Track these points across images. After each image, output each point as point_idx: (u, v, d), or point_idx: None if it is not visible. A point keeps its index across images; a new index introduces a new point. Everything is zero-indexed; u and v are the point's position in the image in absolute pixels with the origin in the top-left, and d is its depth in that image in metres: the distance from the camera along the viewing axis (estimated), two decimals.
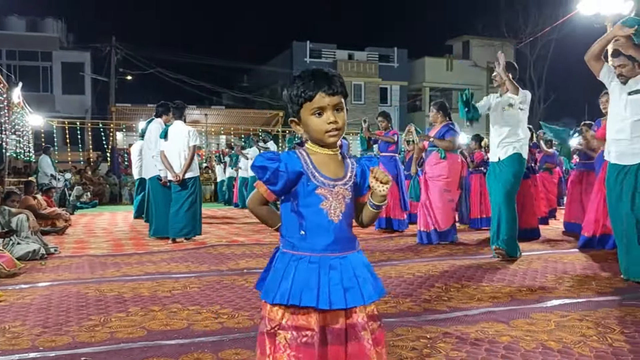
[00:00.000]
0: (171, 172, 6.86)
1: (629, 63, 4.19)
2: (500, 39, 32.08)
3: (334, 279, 1.60)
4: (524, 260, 5.34)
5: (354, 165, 1.73)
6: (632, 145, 4.14)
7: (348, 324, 1.62)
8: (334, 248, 1.63)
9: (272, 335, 1.60)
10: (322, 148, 1.68)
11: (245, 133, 20.77)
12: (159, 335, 2.91)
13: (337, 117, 1.65)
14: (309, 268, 1.60)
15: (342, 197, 1.66)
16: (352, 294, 1.60)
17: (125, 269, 4.95)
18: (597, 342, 2.77)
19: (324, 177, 1.65)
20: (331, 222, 1.63)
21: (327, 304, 1.56)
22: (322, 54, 31.22)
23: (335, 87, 1.64)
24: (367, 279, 1.64)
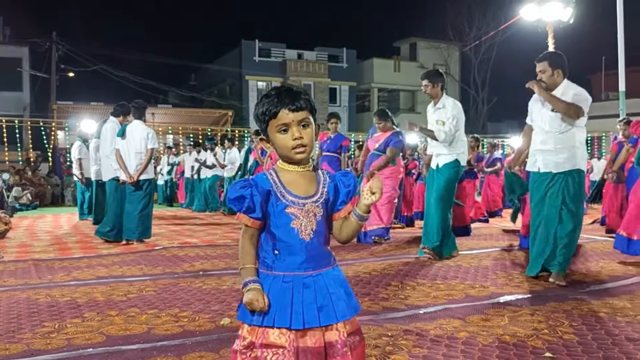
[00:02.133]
0: (125, 172, 6.71)
1: (548, 69, 4.39)
2: (446, 42, 32.90)
3: (308, 298, 1.60)
4: (475, 257, 5.51)
5: (326, 181, 1.71)
6: (556, 155, 4.36)
7: (328, 341, 1.62)
8: (307, 266, 1.63)
9: (245, 354, 1.60)
10: (292, 165, 1.68)
11: (194, 132, 20.46)
12: (119, 341, 2.85)
13: (303, 133, 1.64)
14: (282, 287, 1.60)
15: (313, 214, 1.65)
16: (326, 312, 1.60)
17: (75, 273, 4.80)
18: (549, 335, 2.90)
19: (293, 196, 1.64)
20: (302, 240, 1.63)
21: (300, 324, 1.57)
22: (271, 53, 31.13)
23: (299, 103, 1.63)
24: (340, 297, 1.64)
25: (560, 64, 4.41)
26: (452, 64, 33.73)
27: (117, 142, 6.82)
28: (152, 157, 6.88)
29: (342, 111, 31.25)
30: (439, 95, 5.50)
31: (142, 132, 6.80)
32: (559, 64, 4.41)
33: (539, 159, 4.51)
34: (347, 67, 32.36)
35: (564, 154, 4.32)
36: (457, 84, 34.26)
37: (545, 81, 4.42)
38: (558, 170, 4.34)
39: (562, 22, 11.84)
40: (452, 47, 33.52)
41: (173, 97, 31.87)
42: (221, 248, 6.33)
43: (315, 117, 1.70)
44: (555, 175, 4.35)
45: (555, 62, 4.41)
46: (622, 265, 5.08)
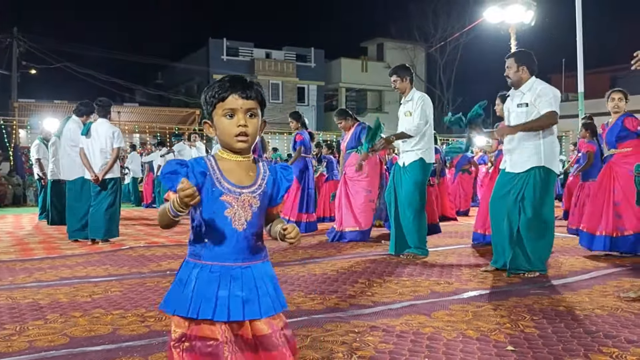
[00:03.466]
0: (90, 171, 6.59)
1: (513, 65, 4.52)
2: (412, 43, 33.26)
3: (234, 290, 1.57)
4: (441, 254, 5.60)
5: (266, 174, 1.69)
6: (521, 154, 4.48)
7: (259, 334, 1.61)
8: (237, 257, 1.60)
9: (179, 347, 1.58)
10: (232, 154, 1.66)
11: (161, 131, 20.20)
12: (83, 342, 2.81)
13: (249, 122, 1.63)
14: (209, 278, 1.57)
15: (249, 205, 1.62)
16: (250, 306, 1.58)
17: (37, 275, 4.70)
18: (511, 329, 2.98)
19: (230, 184, 1.61)
20: (235, 230, 1.60)
21: (225, 316, 1.55)
22: (239, 52, 30.96)
23: (250, 92, 1.63)
24: (267, 292, 1.62)
25: (525, 61, 4.52)
26: (419, 65, 34.11)
27: (81, 141, 6.70)
28: (117, 156, 6.78)
29: (310, 110, 31.31)
30: (407, 89, 5.57)
31: (108, 131, 6.70)
32: (525, 61, 4.53)
33: (507, 158, 4.63)
34: (315, 67, 32.42)
35: (528, 151, 4.43)
36: (423, 84, 34.64)
37: (511, 77, 4.54)
38: (523, 169, 4.45)
39: (524, 25, 12.14)
40: (419, 48, 33.93)
41: (140, 96, 31.42)
42: None
43: (263, 111, 1.69)
44: (520, 174, 4.46)
45: (521, 59, 4.53)
46: (581, 260, 5.23)
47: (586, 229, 5.56)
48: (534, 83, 4.50)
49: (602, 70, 27.75)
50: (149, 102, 28.75)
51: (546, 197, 4.48)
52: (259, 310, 1.59)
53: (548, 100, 4.38)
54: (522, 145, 4.46)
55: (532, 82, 4.51)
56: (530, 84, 4.49)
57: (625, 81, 19.26)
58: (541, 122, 4.34)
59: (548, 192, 4.49)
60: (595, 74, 24.82)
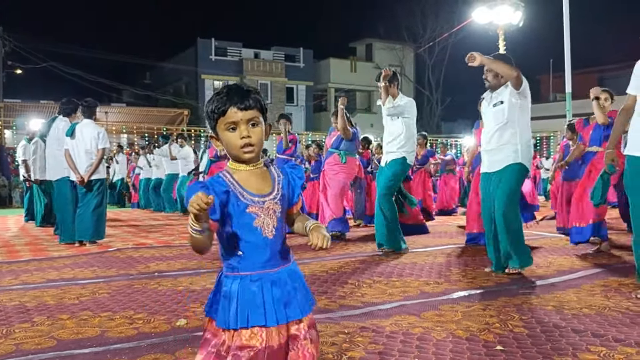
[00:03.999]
0: (75, 172, 6.53)
1: (493, 70, 4.54)
2: (401, 43, 33.37)
3: (276, 295, 1.61)
4: (430, 255, 5.62)
5: (280, 177, 1.72)
6: (498, 153, 4.52)
7: (291, 334, 1.64)
8: (273, 264, 1.63)
9: (219, 356, 1.59)
10: (243, 165, 1.67)
11: (149, 132, 20.08)
12: (70, 345, 2.78)
13: (251, 132, 1.63)
14: (251, 287, 1.60)
15: (273, 211, 1.65)
16: (292, 308, 1.62)
17: (24, 277, 4.65)
18: (500, 329, 2.99)
19: (252, 195, 1.64)
20: (266, 238, 1.63)
21: (274, 322, 1.58)
22: (227, 52, 30.87)
23: (248, 102, 1.62)
24: (301, 292, 1.66)
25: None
26: (407, 65, 34.25)
27: (66, 142, 6.64)
28: (103, 156, 6.73)
29: (299, 111, 31.33)
30: (395, 94, 5.64)
31: (93, 132, 6.65)
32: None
33: (485, 159, 4.67)
34: (304, 67, 32.43)
35: (505, 150, 4.47)
36: (411, 84, 34.78)
37: (490, 80, 4.56)
38: (499, 167, 4.50)
39: (512, 25, 12.22)
40: (407, 49, 34.06)
41: (127, 96, 31.25)
42: (177, 249, 6.25)
43: (265, 116, 1.69)
44: (496, 172, 4.51)
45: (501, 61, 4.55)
46: (570, 260, 5.27)
47: (577, 223, 5.66)
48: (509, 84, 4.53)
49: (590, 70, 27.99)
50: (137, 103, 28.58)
51: (518, 191, 4.56)
52: (300, 310, 1.63)
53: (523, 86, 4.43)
54: (500, 146, 4.50)
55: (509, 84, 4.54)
56: (506, 85, 4.52)
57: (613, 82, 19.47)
58: (511, 68, 4.31)
59: (514, 188, 4.52)
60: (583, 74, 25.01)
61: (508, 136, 4.47)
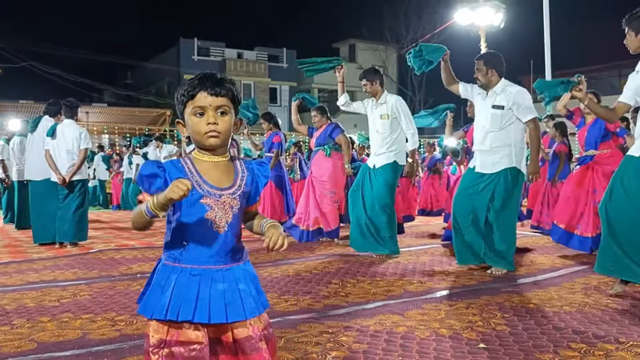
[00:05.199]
0: (56, 173, 6.45)
1: (483, 68, 4.60)
2: (384, 44, 33.48)
3: (216, 293, 1.55)
4: (413, 254, 5.65)
5: (244, 173, 1.67)
6: (492, 155, 4.56)
7: (240, 337, 1.59)
8: (218, 260, 1.58)
9: (157, 353, 1.55)
10: (209, 155, 1.62)
11: (130, 132, 19.89)
12: (51, 347, 2.74)
13: (219, 119, 1.59)
14: (189, 280, 1.55)
15: (230, 207, 1.61)
16: (233, 308, 1.56)
17: (3, 279, 4.57)
18: (483, 327, 3.02)
19: (210, 187, 1.59)
20: (216, 233, 1.58)
21: (205, 318, 1.52)
22: (210, 52, 30.72)
23: (220, 89, 1.59)
24: (249, 293, 1.61)
25: (494, 64, 4.59)
26: (390, 66, 34.36)
27: (46, 142, 6.55)
28: (85, 157, 6.66)
29: (283, 111, 31.22)
30: (379, 92, 5.62)
31: (75, 132, 6.57)
32: (493, 63, 4.59)
33: (477, 158, 4.69)
34: (287, 67, 32.37)
35: (500, 153, 4.51)
36: (395, 85, 34.90)
37: (480, 79, 4.60)
38: (493, 170, 4.53)
39: (494, 27, 12.34)
40: (390, 49, 34.17)
41: (108, 96, 30.92)
42: (159, 250, 6.17)
43: (237, 108, 1.66)
44: (490, 174, 4.54)
45: (490, 62, 4.60)
46: (550, 259, 5.33)
47: (564, 226, 5.61)
48: (505, 85, 4.57)
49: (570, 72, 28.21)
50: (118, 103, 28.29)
51: (515, 196, 4.58)
52: (243, 312, 1.57)
53: (527, 107, 4.48)
54: (494, 148, 4.54)
55: (504, 84, 4.59)
56: (502, 86, 4.57)
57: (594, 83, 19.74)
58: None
59: (517, 192, 4.59)
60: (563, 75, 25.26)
61: (502, 139, 4.51)
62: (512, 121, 4.52)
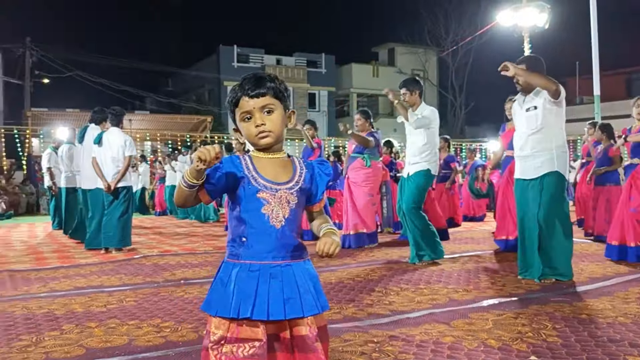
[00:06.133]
0: (103, 180, 6.60)
1: None
2: (423, 47, 33.17)
3: (274, 289, 1.54)
4: (457, 261, 5.53)
5: (302, 170, 1.67)
6: (533, 160, 4.42)
7: (298, 334, 1.58)
8: (276, 255, 1.57)
9: (217, 350, 1.54)
10: (265, 153, 1.64)
11: (172, 139, 20.26)
12: (99, 353, 2.78)
13: (266, 119, 1.60)
14: (249, 277, 1.55)
15: (287, 201, 1.60)
16: (292, 305, 1.54)
17: (52, 284, 4.69)
18: (533, 338, 2.91)
19: (266, 180, 1.60)
20: (272, 227, 1.57)
21: (264, 315, 1.51)
22: (249, 58, 31.04)
23: (260, 89, 1.60)
24: (308, 291, 1.58)
25: (537, 67, 4.46)
26: (430, 69, 34.03)
27: (93, 150, 6.71)
28: (129, 164, 6.79)
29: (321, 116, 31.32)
30: (417, 103, 5.57)
31: (120, 140, 6.71)
32: (536, 67, 4.47)
33: (518, 165, 4.58)
34: (326, 73, 32.43)
35: (541, 157, 4.38)
36: (435, 88, 34.55)
37: (521, 83, 4.48)
38: (535, 175, 4.40)
39: (538, 27, 12.04)
40: (430, 52, 33.83)
41: (150, 103, 31.58)
42: (202, 256, 6.26)
43: (285, 101, 1.65)
44: (533, 180, 4.41)
45: (533, 65, 4.47)
46: (601, 267, 5.13)
47: (617, 242, 5.40)
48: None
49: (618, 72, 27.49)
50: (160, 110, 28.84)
51: (562, 202, 4.43)
52: (301, 308, 1.55)
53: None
54: (535, 153, 4.41)
55: None
56: (539, 89, 4.43)
57: None
58: (547, 80, 4.22)
59: (563, 197, 4.44)
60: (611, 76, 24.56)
61: (543, 142, 4.38)
62: (550, 122, 4.37)
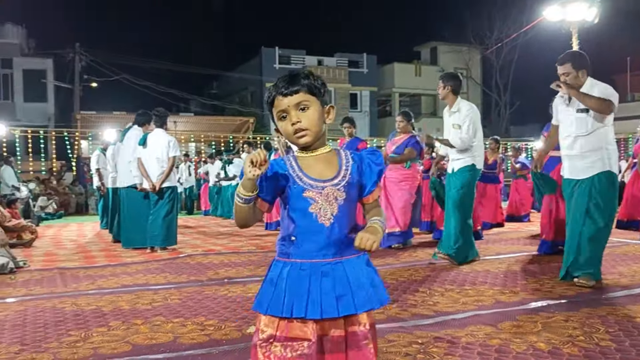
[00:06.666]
0: (148, 180, 6.74)
1: (572, 71, 4.26)
2: (467, 45, 32.62)
3: (326, 287, 1.52)
4: (503, 262, 5.39)
5: (349, 163, 1.63)
6: (583, 160, 4.24)
7: (349, 332, 1.56)
8: (326, 253, 1.56)
9: (265, 347, 1.53)
10: (307, 151, 1.63)
11: (215, 140, 20.54)
12: (144, 350, 2.82)
13: (301, 116, 1.58)
14: (300, 275, 1.54)
15: (334, 198, 1.58)
16: (344, 302, 1.52)
17: (100, 282, 4.81)
18: (585, 342, 2.80)
19: (311, 179, 1.58)
20: (322, 225, 1.56)
21: (317, 314, 1.50)
22: (291, 60, 31.18)
23: (293, 87, 1.58)
24: (362, 286, 1.55)
25: (583, 64, 4.28)
26: (474, 68, 33.44)
27: (138, 151, 6.86)
28: (174, 165, 6.90)
29: (363, 116, 31.21)
30: (450, 99, 5.43)
31: (164, 140, 6.83)
32: (583, 64, 4.28)
33: (566, 164, 4.41)
34: (367, 73, 32.27)
35: (592, 157, 4.21)
36: (478, 87, 33.95)
37: (569, 82, 4.31)
38: (585, 175, 4.24)
39: (587, 22, 11.65)
40: (474, 51, 33.20)
41: (195, 105, 32.13)
42: (245, 255, 6.30)
43: (320, 97, 1.62)
44: (583, 180, 4.25)
45: (579, 63, 4.27)
46: None
47: None
48: (591, 84, 4.23)
49: None
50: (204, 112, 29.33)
51: (613, 202, 4.26)
52: (354, 304, 1.53)
53: (607, 94, 4.13)
54: (584, 153, 4.24)
55: (590, 85, 4.23)
56: (588, 86, 4.22)
57: None
58: (600, 102, 4.05)
59: (614, 196, 4.27)
60: None
61: (593, 143, 4.20)
62: (601, 124, 4.20)
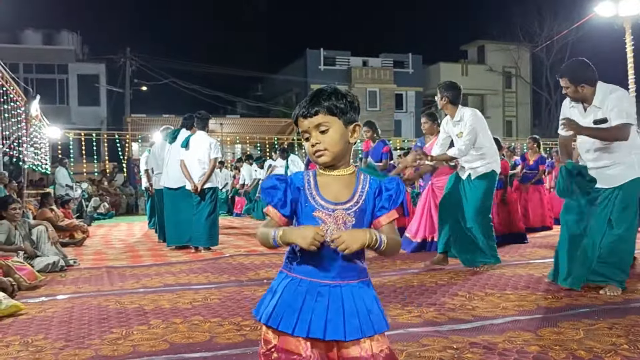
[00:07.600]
0: (190, 181, 6.88)
1: (570, 85, 4.06)
2: (515, 43, 31.89)
3: (319, 308, 1.53)
4: (549, 266, 5.23)
5: (364, 188, 1.62)
6: (610, 169, 4.06)
7: (349, 355, 1.56)
8: (326, 275, 1.56)
9: (268, 357, 1.58)
10: (328, 170, 1.63)
11: (260, 142, 20.79)
12: (181, 349, 2.88)
13: (320, 137, 1.58)
14: (296, 291, 1.56)
15: (343, 222, 1.58)
16: (333, 326, 1.52)
17: (144, 281, 4.94)
18: (629, 351, 2.70)
19: (324, 200, 1.59)
20: (327, 248, 1.54)
21: (304, 332, 1.51)
22: (336, 61, 31.26)
23: (312, 108, 1.58)
24: (356, 313, 1.54)
25: (582, 78, 4.02)
26: (523, 66, 32.67)
27: (181, 153, 7.00)
28: (215, 166, 7.02)
29: (409, 117, 30.97)
30: (447, 108, 5.29)
31: (205, 143, 6.97)
32: (581, 77, 4.02)
33: (593, 174, 4.18)
34: (413, 73, 32.01)
35: (620, 166, 4.02)
36: (528, 86, 33.13)
37: (571, 96, 4.15)
38: (612, 184, 4.06)
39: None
40: (523, 49, 32.44)
41: (241, 108, 32.64)
42: None
43: (342, 117, 1.60)
44: (613, 190, 4.07)
45: (578, 77, 4.03)
46: None
47: None
48: (605, 95, 3.99)
49: None
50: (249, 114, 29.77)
51: (631, 208, 4.06)
52: (343, 331, 1.53)
53: (621, 109, 3.90)
54: (611, 164, 4.05)
55: (603, 93, 3.99)
56: (601, 97, 3.99)
57: None
58: (617, 132, 3.88)
59: (634, 203, 4.07)
60: None
61: (619, 152, 4.02)
62: None
